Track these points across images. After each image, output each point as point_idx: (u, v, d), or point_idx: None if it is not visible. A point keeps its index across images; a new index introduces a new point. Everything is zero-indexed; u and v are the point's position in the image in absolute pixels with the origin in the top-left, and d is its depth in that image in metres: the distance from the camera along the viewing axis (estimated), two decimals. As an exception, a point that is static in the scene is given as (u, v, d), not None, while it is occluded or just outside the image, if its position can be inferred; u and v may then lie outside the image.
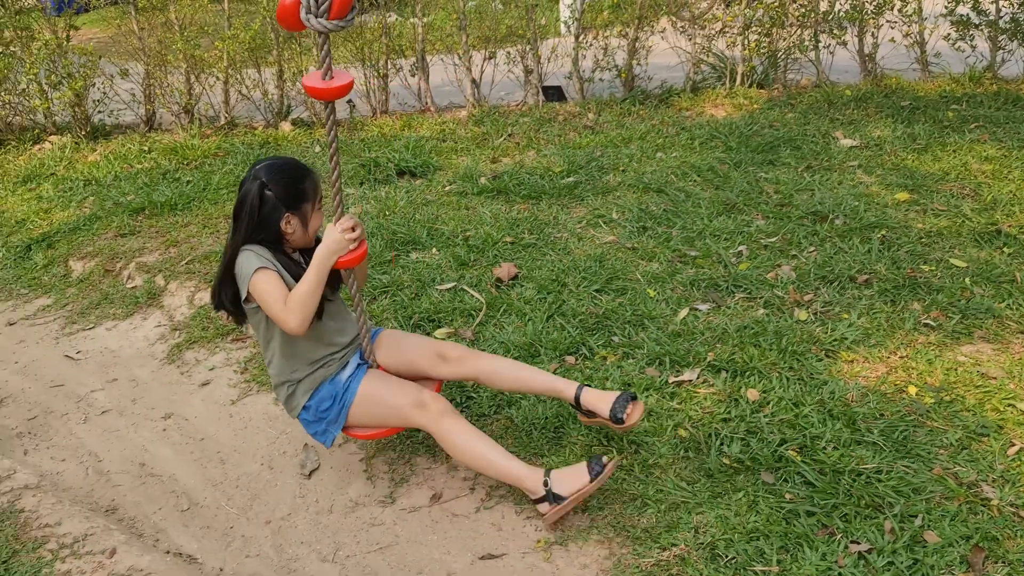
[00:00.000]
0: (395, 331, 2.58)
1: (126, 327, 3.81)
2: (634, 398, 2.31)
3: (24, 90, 6.61)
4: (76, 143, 6.45)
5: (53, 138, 6.59)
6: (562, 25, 7.08)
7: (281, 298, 2.17)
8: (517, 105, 6.46)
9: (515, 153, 5.43)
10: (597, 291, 3.42)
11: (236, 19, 6.46)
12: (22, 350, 3.70)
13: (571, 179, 4.74)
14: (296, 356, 2.34)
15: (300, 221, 2.28)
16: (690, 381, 2.77)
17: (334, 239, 2.20)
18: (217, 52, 6.31)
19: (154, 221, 4.75)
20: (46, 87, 6.49)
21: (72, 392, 3.32)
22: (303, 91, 6.42)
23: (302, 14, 1.94)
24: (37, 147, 6.53)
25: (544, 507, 2.23)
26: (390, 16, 6.42)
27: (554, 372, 2.89)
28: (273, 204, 2.23)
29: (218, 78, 6.52)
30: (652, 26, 6.21)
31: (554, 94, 6.46)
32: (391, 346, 2.49)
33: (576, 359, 2.98)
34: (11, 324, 3.95)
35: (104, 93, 6.65)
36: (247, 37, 6.16)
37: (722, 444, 2.47)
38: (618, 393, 2.32)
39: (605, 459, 2.22)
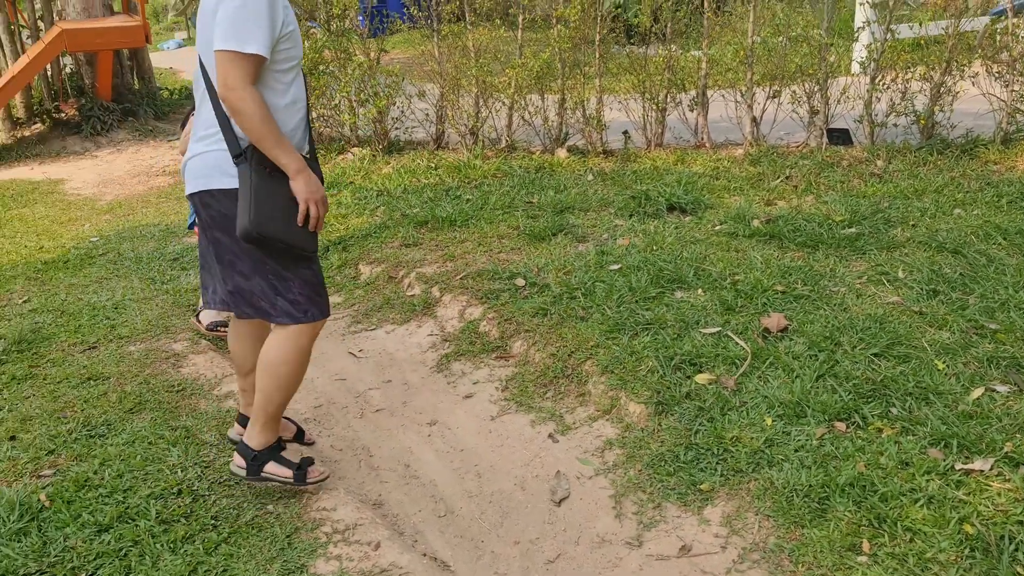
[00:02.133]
0: None
1: (403, 332, 4.11)
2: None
3: (336, 105, 7.38)
4: (373, 156, 7.09)
5: (355, 150, 7.29)
6: (855, 64, 6.72)
7: None
8: (798, 146, 6.20)
9: (792, 197, 5.21)
10: (875, 355, 3.18)
11: (528, 47, 6.78)
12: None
13: (853, 230, 4.46)
14: None
15: None
16: (981, 471, 2.49)
17: None
18: (506, 79, 6.66)
19: (435, 235, 5.09)
20: (355, 104, 7.20)
21: (352, 387, 3.62)
22: (581, 120, 6.63)
23: None
24: (341, 157, 7.25)
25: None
26: (675, 50, 6.43)
27: (821, 437, 2.73)
28: None
29: (504, 103, 6.88)
30: (962, 70, 5.70)
31: (839, 137, 6.13)
32: None
33: (847, 427, 2.79)
34: (307, 316, 4.39)
35: (402, 111, 7.26)
36: (536, 66, 6.45)
37: (1016, 550, 2.19)
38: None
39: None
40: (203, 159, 2.49)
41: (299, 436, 3.11)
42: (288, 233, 2.45)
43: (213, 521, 2.58)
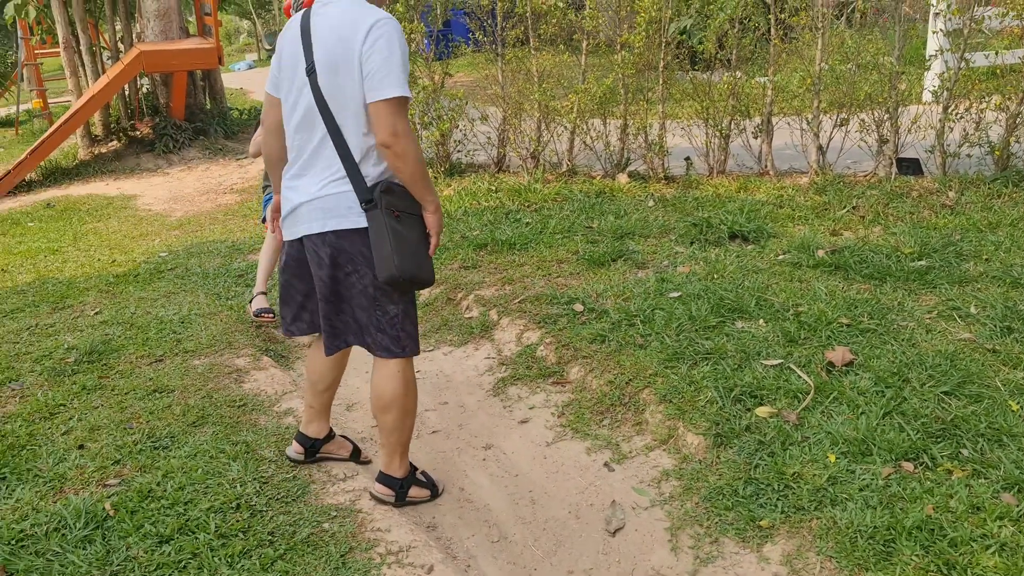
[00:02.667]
0: None
1: (460, 354, 4.12)
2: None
3: (400, 127, 7.46)
4: (435, 178, 7.17)
5: (417, 171, 7.37)
6: (927, 93, 6.57)
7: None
8: (865, 176, 6.08)
9: (858, 227, 5.11)
10: (945, 393, 3.08)
11: (591, 73, 6.79)
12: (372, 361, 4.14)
13: (922, 262, 4.35)
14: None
15: None
16: (1058, 519, 2.38)
17: None
18: (569, 103, 6.68)
19: (494, 258, 5.11)
20: (419, 126, 7.30)
21: (409, 407, 3.64)
22: (643, 145, 6.60)
23: None
24: (403, 178, 7.34)
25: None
26: (740, 76, 6.37)
27: (887, 477, 2.65)
28: None
29: (566, 127, 6.89)
30: (1039, 100, 5.52)
31: (910, 167, 5.99)
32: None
33: (915, 467, 2.69)
34: (366, 336, 4.44)
35: (464, 135, 7.34)
36: (599, 91, 6.45)
37: (1097, 605, 2.08)
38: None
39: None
40: (335, 199, 2.56)
41: (355, 455, 3.14)
42: (420, 271, 2.57)
43: (270, 537, 2.61)
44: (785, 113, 6.54)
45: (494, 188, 6.64)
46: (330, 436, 3.09)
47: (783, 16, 6.15)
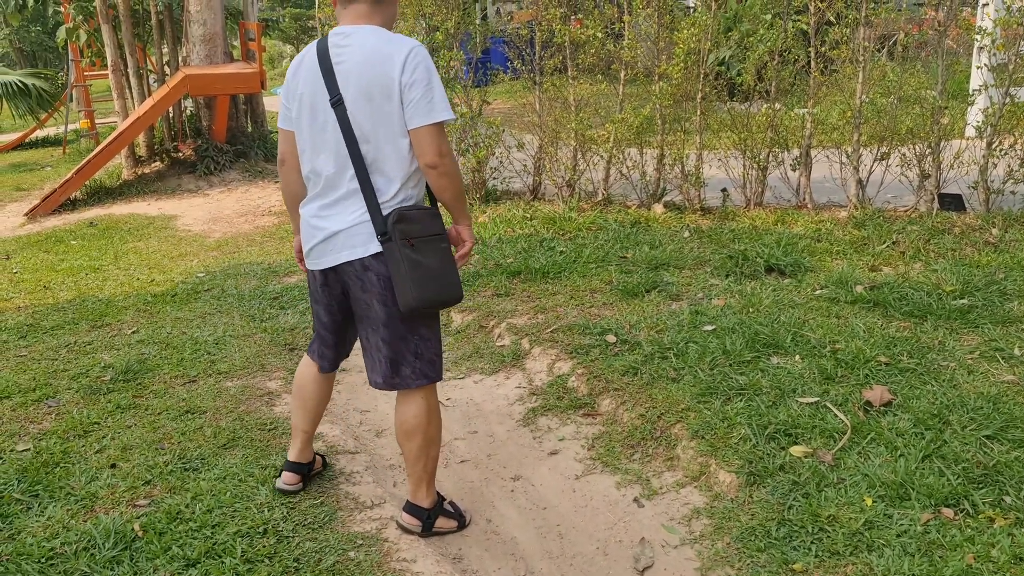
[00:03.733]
0: None
1: (490, 383, 4.10)
2: None
3: (437, 154, 7.51)
4: (471, 204, 7.19)
5: (453, 197, 7.41)
6: (970, 128, 6.47)
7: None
8: (906, 211, 5.98)
9: (898, 263, 5.02)
10: (988, 437, 3.00)
11: (628, 102, 6.79)
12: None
13: (964, 301, 4.26)
14: None
15: None
16: (1107, 574, 2.29)
17: None
18: (605, 133, 6.68)
19: (527, 286, 5.10)
20: (456, 152, 7.35)
21: (438, 435, 3.62)
22: (679, 176, 6.57)
23: None
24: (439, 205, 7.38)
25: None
26: (778, 108, 6.33)
27: (926, 523, 2.57)
28: None
29: (602, 156, 6.89)
30: (1088, 138, 5.42)
31: (952, 203, 5.89)
32: None
33: (955, 514, 2.62)
34: (398, 361, 4.44)
35: (500, 162, 7.36)
36: (636, 121, 6.45)
37: None
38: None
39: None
40: (360, 228, 2.57)
41: (323, 465, 3.21)
42: (443, 292, 2.57)
43: (295, 564, 2.60)
44: (824, 146, 6.47)
45: (529, 216, 6.64)
46: (313, 458, 3.13)
47: (824, 49, 6.11)
